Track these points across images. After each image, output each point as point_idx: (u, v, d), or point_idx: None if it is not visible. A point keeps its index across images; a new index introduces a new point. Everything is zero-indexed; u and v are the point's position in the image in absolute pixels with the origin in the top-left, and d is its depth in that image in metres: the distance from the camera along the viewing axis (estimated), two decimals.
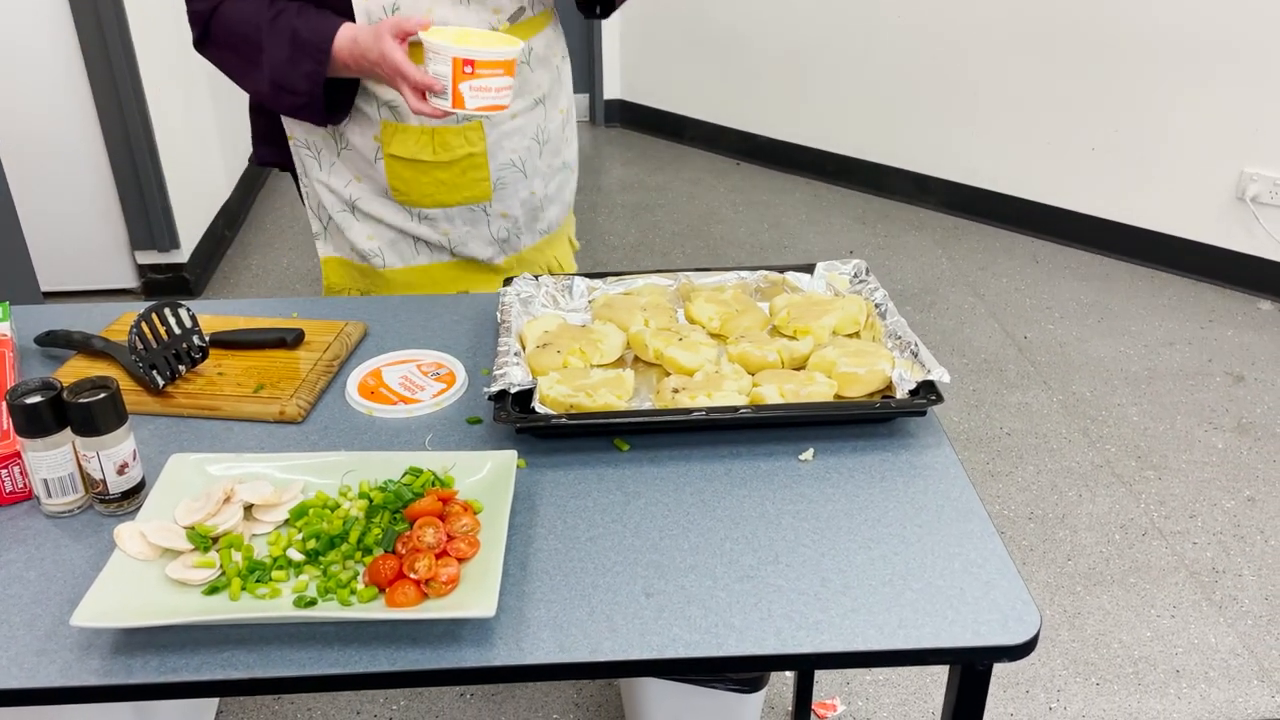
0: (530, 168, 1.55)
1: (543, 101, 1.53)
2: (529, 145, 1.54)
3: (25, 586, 0.93)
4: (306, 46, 1.35)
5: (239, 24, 1.39)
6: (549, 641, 0.87)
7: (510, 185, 1.54)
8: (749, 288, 1.38)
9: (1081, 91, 3.40)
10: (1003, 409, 2.71)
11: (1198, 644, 1.99)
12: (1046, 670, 1.94)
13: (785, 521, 1.00)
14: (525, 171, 1.55)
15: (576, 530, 0.99)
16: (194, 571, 0.91)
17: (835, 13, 3.84)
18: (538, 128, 1.54)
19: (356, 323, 1.34)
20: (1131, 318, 3.15)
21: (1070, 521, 2.31)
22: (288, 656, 0.85)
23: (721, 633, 0.87)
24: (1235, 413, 2.69)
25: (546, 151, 1.58)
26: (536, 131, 1.54)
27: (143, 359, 1.16)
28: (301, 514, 0.98)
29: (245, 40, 1.39)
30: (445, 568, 0.90)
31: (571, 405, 1.12)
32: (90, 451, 0.98)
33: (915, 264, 3.49)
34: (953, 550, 0.96)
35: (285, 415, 1.15)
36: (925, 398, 1.11)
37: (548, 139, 1.57)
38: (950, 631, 0.87)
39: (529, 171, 1.55)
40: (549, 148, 1.58)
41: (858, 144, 4.00)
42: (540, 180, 1.59)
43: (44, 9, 2.79)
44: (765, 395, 1.13)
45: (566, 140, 1.63)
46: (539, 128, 1.54)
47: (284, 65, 1.36)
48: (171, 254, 3.19)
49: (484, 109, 1.26)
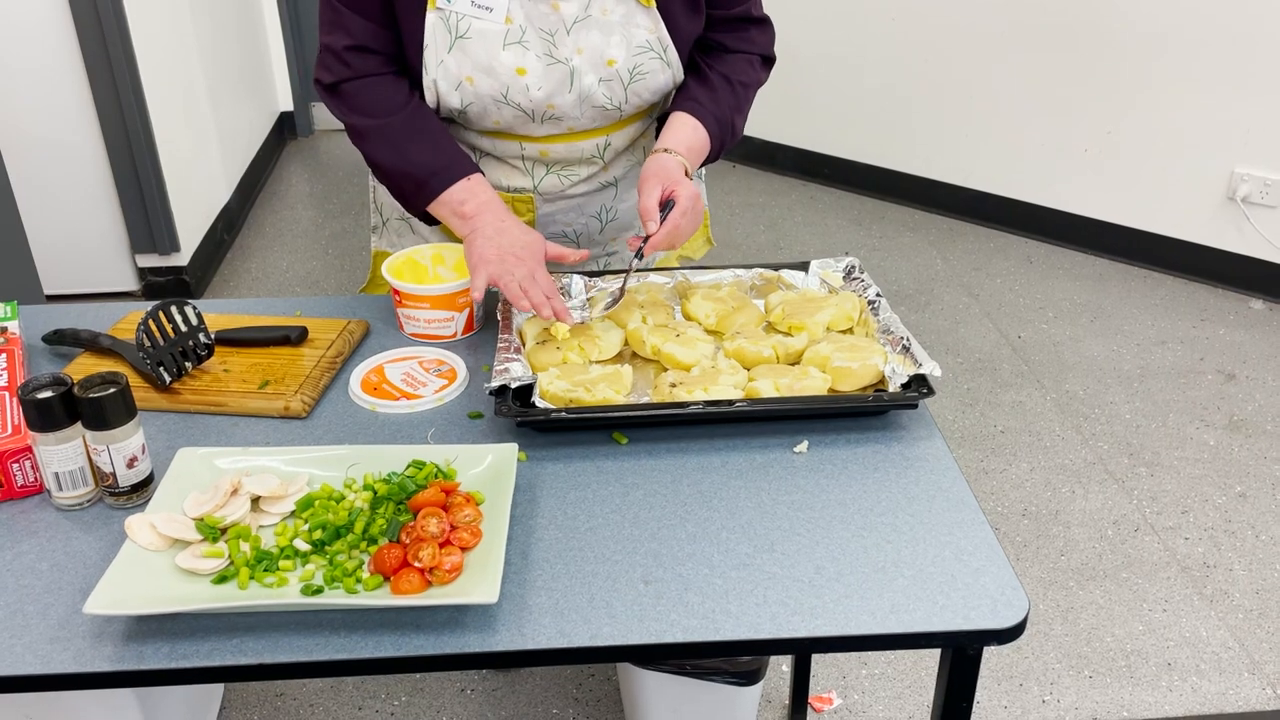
0: (588, 240, 1.53)
1: (614, 184, 1.48)
2: (587, 221, 1.50)
3: (38, 577, 0.95)
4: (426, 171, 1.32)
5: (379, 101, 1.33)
6: (550, 627, 0.89)
7: None
8: (745, 285, 1.40)
9: (1074, 94, 3.43)
10: (997, 407, 2.74)
11: (1189, 637, 2.02)
12: (1040, 664, 1.96)
13: (780, 511, 1.02)
14: (579, 243, 1.52)
15: (576, 520, 1.01)
16: (203, 561, 0.93)
17: (830, 16, 3.87)
18: (602, 207, 1.50)
19: (359, 320, 1.36)
20: (1124, 317, 3.18)
21: (1064, 518, 2.33)
22: (295, 643, 0.88)
23: (718, 618, 0.90)
24: (1227, 410, 2.72)
25: (612, 228, 1.54)
26: (599, 210, 1.50)
27: (150, 356, 1.18)
28: (308, 505, 1.00)
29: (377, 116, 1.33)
30: (449, 556, 0.92)
31: (571, 400, 1.14)
32: (100, 445, 1.00)
33: (910, 264, 3.51)
34: (943, 538, 0.99)
35: (290, 411, 1.18)
36: (917, 391, 1.14)
37: (614, 218, 1.52)
38: (941, 616, 0.90)
39: (584, 243, 1.53)
40: (615, 225, 1.53)
41: (853, 146, 4.03)
42: (600, 248, 1.56)
43: (45, 14, 2.82)
44: (760, 389, 1.15)
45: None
46: (604, 207, 1.50)
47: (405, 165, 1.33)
48: (172, 257, 3.21)
49: (419, 336, 1.34)
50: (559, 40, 1.29)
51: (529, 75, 1.29)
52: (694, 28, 1.37)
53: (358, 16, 1.30)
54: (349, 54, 1.31)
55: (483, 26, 1.28)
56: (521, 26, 1.28)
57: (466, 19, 1.28)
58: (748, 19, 1.43)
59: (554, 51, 1.29)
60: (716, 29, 1.41)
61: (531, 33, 1.28)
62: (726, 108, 1.41)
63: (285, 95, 4.63)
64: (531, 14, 1.28)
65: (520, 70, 1.29)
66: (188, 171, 3.32)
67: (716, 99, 1.40)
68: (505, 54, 1.28)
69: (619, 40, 1.31)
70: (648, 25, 1.31)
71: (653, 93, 1.38)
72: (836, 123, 4.03)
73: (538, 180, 1.43)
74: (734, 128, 1.44)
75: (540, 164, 1.42)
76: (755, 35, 1.44)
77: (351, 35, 1.30)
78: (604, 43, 1.30)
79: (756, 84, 1.46)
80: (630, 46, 1.31)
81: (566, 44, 1.29)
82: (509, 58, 1.28)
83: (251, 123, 4.18)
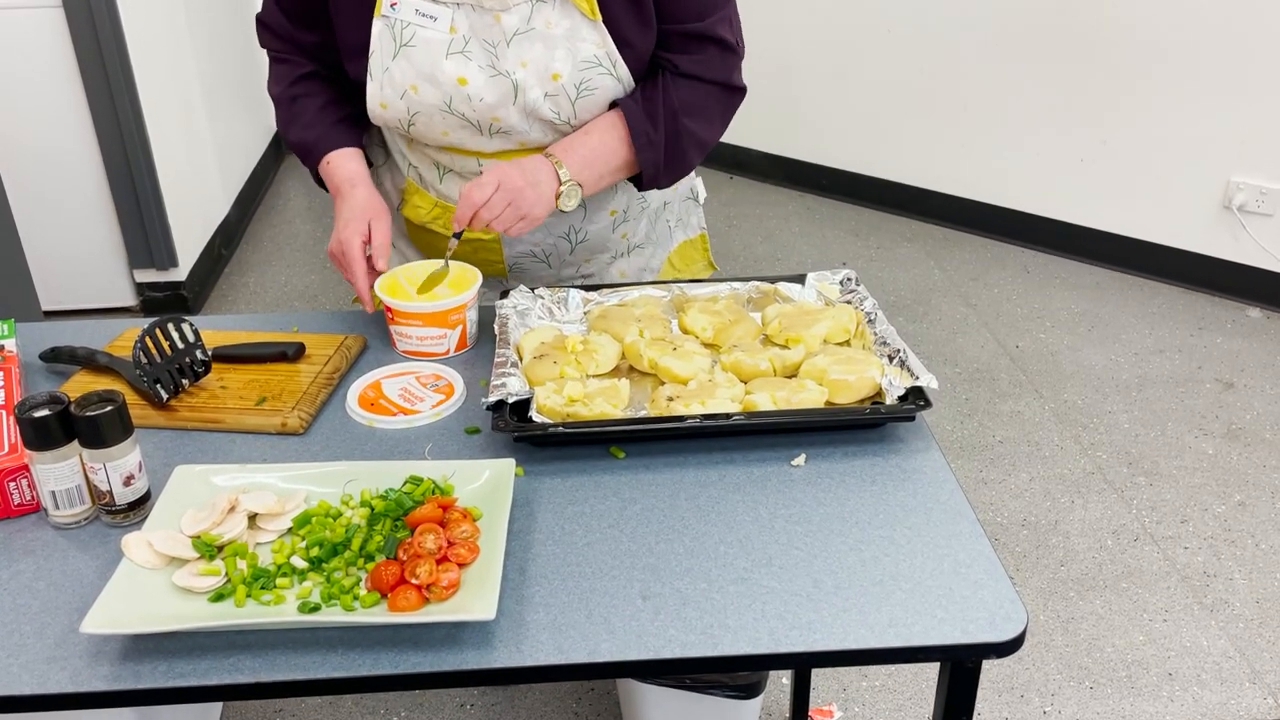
0: (558, 260, 1.51)
1: (582, 205, 1.43)
2: (555, 242, 1.48)
3: (35, 596, 0.95)
4: (302, 148, 1.43)
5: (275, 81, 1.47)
6: (548, 644, 0.89)
7: (530, 270, 1.52)
8: (741, 298, 1.40)
9: (1070, 104, 3.44)
10: (995, 417, 2.74)
11: (1190, 647, 2.02)
12: (1040, 674, 1.96)
13: (778, 525, 1.02)
14: (550, 263, 1.51)
15: (574, 536, 1.01)
16: (200, 579, 0.93)
17: (827, 27, 3.88)
18: (569, 228, 1.47)
19: (356, 336, 1.36)
20: (1122, 326, 3.18)
21: (1063, 528, 2.33)
22: (292, 661, 0.87)
23: (717, 633, 0.90)
24: (1225, 419, 2.72)
25: (583, 249, 1.51)
26: (567, 231, 1.48)
27: (147, 373, 1.18)
28: (304, 522, 1.00)
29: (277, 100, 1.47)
30: (446, 573, 0.92)
31: (568, 414, 1.14)
32: (97, 463, 1.00)
33: (908, 275, 3.52)
34: (942, 551, 0.99)
35: (287, 427, 1.18)
36: (914, 403, 1.14)
37: (584, 239, 1.50)
38: (939, 630, 0.90)
39: (555, 263, 1.51)
40: (586, 246, 1.51)
41: (850, 157, 4.04)
42: (573, 271, 1.55)
43: (43, 30, 2.82)
44: (758, 402, 1.15)
45: (622, 238, 1.54)
46: (571, 228, 1.47)
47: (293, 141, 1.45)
48: (170, 272, 3.21)
49: (412, 354, 1.33)
50: (500, 52, 1.28)
51: (470, 85, 1.29)
52: (644, 42, 1.33)
53: (278, 12, 1.41)
54: (263, 30, 1.45)
55: (427, 35, 1.28)
56: (465, 37, 1.28)
57: (411, 27, 1.28)
58: (705, 37, 1.34)
59: (496, 63, 1.29)
60: (671, 46, 1.34)
61: (475, 43, 1.28)
62: (656, 127, 1.34)
63: None
64: (475, 24, 1.27)
65: (462, 80, 1.28)
66: (186, 186, 3.33)
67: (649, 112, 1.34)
68: (448, 63, 1.28)
69: (564, 54, 1.29)
70: (594, 39, 1.29)
71: (602, 105, 1.34)
72: (834, 134, 4.04)
73: None
74: (667, 148, 1.36)
75: None
76: (714, 59, 1.36)
77: (267, 13, 1.43)
78: (548, 56, 1.28)
79: (706, 111, 1.38)
80: (576, 61, 1.29)
81: (509, 56, 1.28)
82: (451, 67, 1.28)
83: (249, 137, 4.19)
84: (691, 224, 1.69)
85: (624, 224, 1.53)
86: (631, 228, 1.55)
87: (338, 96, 1.44)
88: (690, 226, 1.69)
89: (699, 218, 1.70)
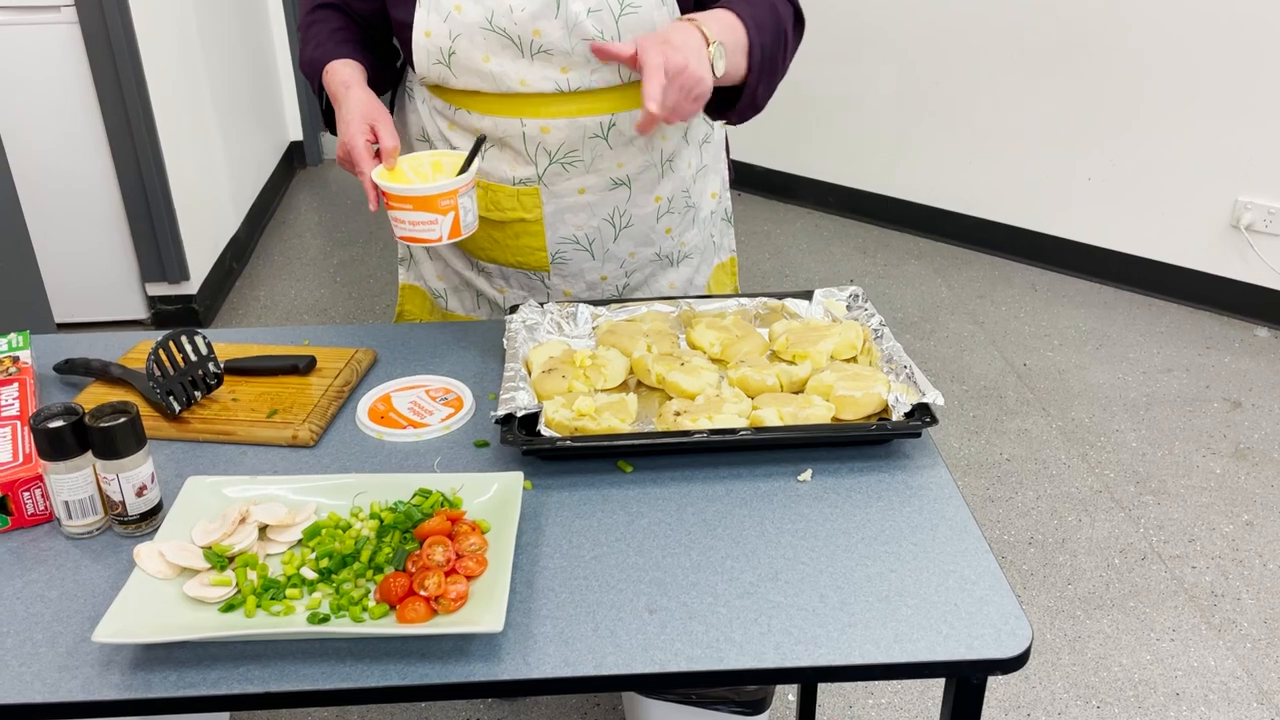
0: (601, 251, 1.47)
1: (626, 184, 1.41)
2: (599, 225, 1.44)
3: (47, 605, 0.96)
4: (308, 66, 1.43)
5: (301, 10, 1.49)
6: (555, 656, 0.89)
7: (573, 262, 1.47)
8: (749, 314, 1.41)
9: (1078, 123, 3.45)
10: (1002, 435, 2.74)
11: (1197, 667, 2.01)
12: (1047, 693, 1.95)
13: (784, 540, 1.03)
14: (593, 253, 1.46)
15: (581, 549, 1.02)
16: (211, 589, 0.94)
17: (836, 45, 3.90)
18: (614, 210, 1.43)
19: (366, 350, 1.37)
20: (1129, 345, 3.18)
21: (1070, 546, 2.33)
22: (301, 671, 0.88)
23: (722, 647, 0.90)
24: (1233, 438, 2.71)
25: (626, 238, 1.47)
26: (612, 213, 1.44)
27: (160, 385, 1.19)
28: (314, 534, 1.01)
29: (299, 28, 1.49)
30: (454, 585, 0.92)
31: (576, 428, 1.15)
32: (110, 474, 1.01)
33: (915, 292, 3.52)
34: (947, 567, 0.99)
35: (298, 439, 1.19)
36: (920, 420, 1.14)
37: (629, 224, 1.45)
38: (945, 645, 0.90)
39: (598, 254, 1.47)
40: (630, 234, 1.46)
41: (858, 175, 4.05)
42: (615, 266, 1.49)
43: (58, 46, 2.86)
44: (764, 418, 1.16)
45: (666, 233, 1.50)
46: (616, 210, 1.43)
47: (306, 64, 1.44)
48: (181, 285, 3.23)
49: (407, 239, 1.30)
50: None
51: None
52: None
53: None
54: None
55: None
56: None
57: None
58: None
59: None
60: None
61: None
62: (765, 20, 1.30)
63: (295, 125, 4.68)
64: None
65: None
66: (198, 200, 3.36)
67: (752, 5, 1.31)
68: None
69: None
70: None
71: (650, 30, 1.30)
72: (841, 151, 4.06)
73: (541, 169, 1.39)
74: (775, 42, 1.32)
75: (543, 151, 1.38)
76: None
77: None
78: None
79: (790, 24, 1.35)
80: None
81: None
82: None
83: (261, 152, 4.22)
84: (724, 246, 1.65)
85: (668, 215, 1.49)
86: (676, 223, 1.51)
87: (352, 24, 1.45)
88: (723, 249, 1.65)
89: (730, 240, 1.66)
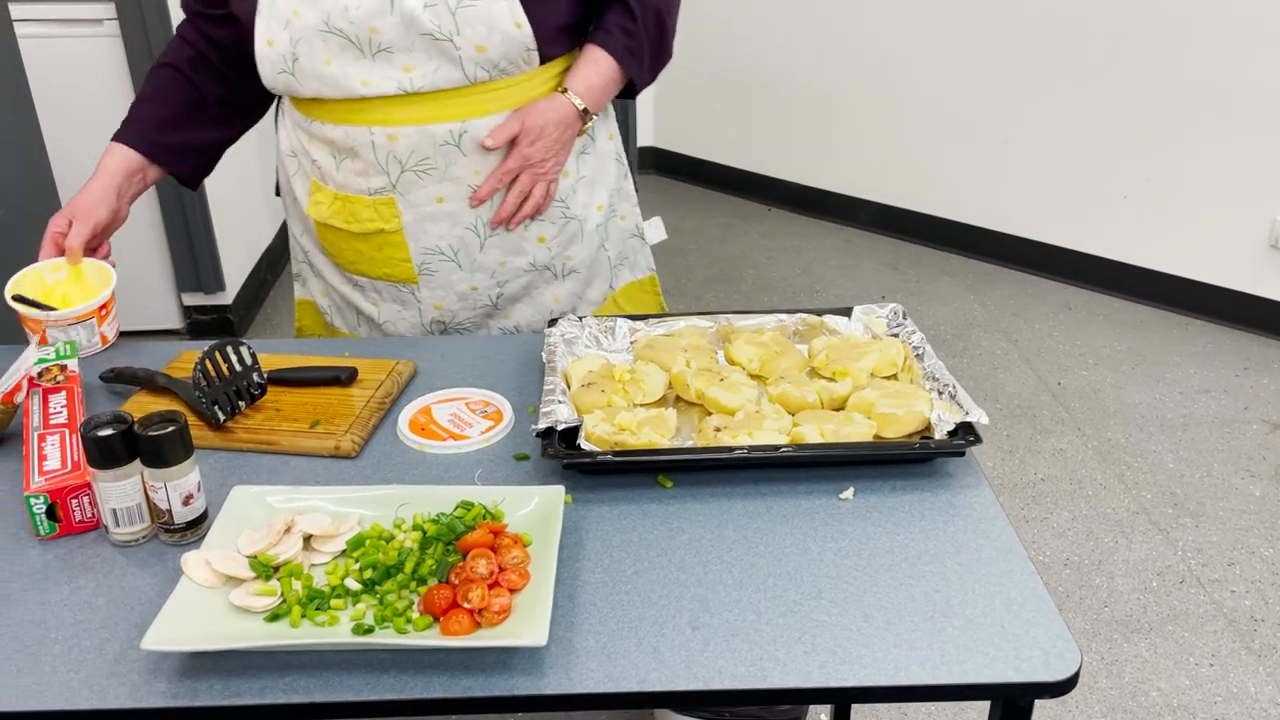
0: (468, 261, 1.45)
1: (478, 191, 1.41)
2: (463, 235, 1.43)
3: (94, 612, 0.97)
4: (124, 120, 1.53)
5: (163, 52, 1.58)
6: (598, 671, 0.89)
7: (440, 274, 1.46)
8: (787, 330, 1.41)
9: (1113, 139, 3.42)
10: (1037, 455, 2.71)
11: (1237, 693, 1.97)
12: (1084, 718, 1.92)
13: (827, 558, 1.02)
14: (460, 263, 1.45)
15: (623, 564, 1.02)
16: (257, 599, 0.94)
17: (867, 60, 3.90)
18: (476, 218, 1.42)
19: (407, 361, 1.38)
20: (1166, 364, 3.15)
21: (1107, 568, 2.30)
22: (345, 682, 0.88)
23: (766, 665, 0.90)
24: (1273, 460, 2.67)
25: (494, 247, 1.45)
26: (474, 222, 1.42)
27: (205, 395, 1.21)
28: (358, 545, 1.01)
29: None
30: (498, 598, 0.92)
31: (616, 443, 1.15)
32: (158, 482, 1.02)
33: (947, 309, 3.50)
34: (993, 589, 0.98)
35: (340, 450, 1.19)
36: (964, 439, 1.13)
37: (495, 232, 1.43)
38: (992, 668, 0.89)
39: (465, 264, 1.45)
40: (497, 243, 1.45)
41: (889, 190, 4.04)
42: (486, 276, 1.47)
43: (100, 58, 2.90)
44: (805, 435, 1.15)
45: (539, 242, 1.48)
46: (479, 218, 1.42)
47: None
48: (217, 295, 3.27)
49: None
50: None
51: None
52: None
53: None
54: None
55: None
56: None
57: None
58: None
59: None
60: None
61: None
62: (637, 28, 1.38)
63: None
64: None
65: None
66: (233, 212, 3.39)
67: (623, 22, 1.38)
68: None
69: None
70: None
71: (490, 30, 1.29)
72: (873, 167, 4.05)
73: (394, 177, 1.38)
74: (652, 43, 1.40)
75: (394, 159, 1.38)
76: None
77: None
78: None
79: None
80: None
81: None
82: None
83: None
84: (640, 264, 1.63)
85: (540, 224, 1.46)
86: (551, 234, 1.48)
87: (180, 89, 1.53)
88: (638, 267, 1.63)
89: (647, 258, 1.64)
